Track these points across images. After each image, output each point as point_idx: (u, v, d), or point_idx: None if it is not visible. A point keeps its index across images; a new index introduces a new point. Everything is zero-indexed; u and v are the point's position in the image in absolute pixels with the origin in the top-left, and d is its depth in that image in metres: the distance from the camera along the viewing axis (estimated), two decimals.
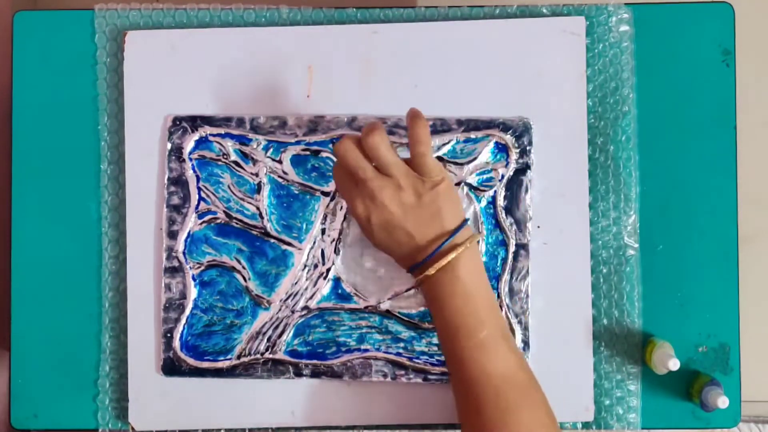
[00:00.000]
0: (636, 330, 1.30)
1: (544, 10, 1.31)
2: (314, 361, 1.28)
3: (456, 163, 1.28)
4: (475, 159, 1.28)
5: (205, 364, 1.29)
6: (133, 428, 1.31)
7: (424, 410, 1.28)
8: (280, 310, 1.28)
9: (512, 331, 1.27)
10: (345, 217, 1.29)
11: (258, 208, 1.29)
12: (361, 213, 1.15)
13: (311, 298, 1.28)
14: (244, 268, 1.29)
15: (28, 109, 1.33)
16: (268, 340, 1.28)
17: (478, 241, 1.23)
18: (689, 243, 1.31)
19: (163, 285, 1.29)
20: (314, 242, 1.29)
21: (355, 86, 1.30)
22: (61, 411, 1.33)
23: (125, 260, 1.31)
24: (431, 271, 1.13)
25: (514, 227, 1.28)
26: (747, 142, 1.35)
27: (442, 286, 1.14)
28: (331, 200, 1.28)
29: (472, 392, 1.13)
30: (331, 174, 1.28)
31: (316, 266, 1.29)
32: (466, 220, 1.16)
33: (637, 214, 1.30)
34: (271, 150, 1.29)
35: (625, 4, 1.31)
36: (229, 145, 1.29)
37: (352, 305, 1.29)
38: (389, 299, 1.28)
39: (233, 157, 1.29)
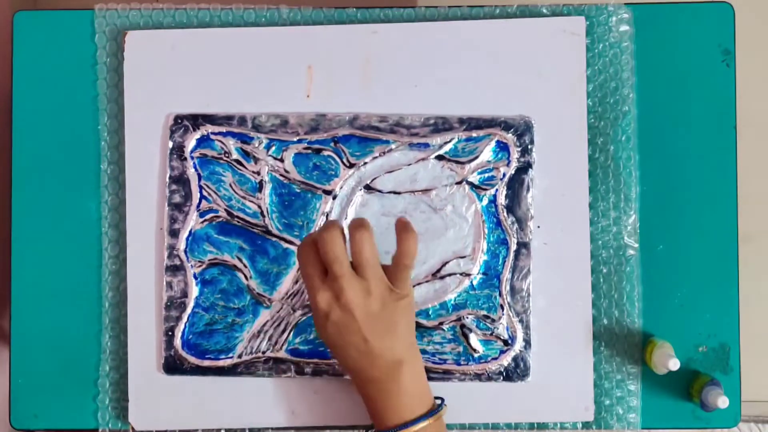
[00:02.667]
0: (636, 330, 1.30)
1: (544, 10, 1.31)
2: (315, 360, 1.28)
3: (457, 162, 1.28)
4: (476, 158, 1.28)
5: (207, 363, 1.29)
6: (133, 428, 1.31)
7: None
8: (281, 308, 1.28)
9: (514, 329, 1.28)
10: (345, 216, 1.29)
11: (259, 207, 1.29)
12: (321, 306, 1.12)
13: None
14: (245, 266, 1.29)
15: (28, 109, 1.33)
16: (270, 338, 1.28)
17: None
18: (689, 243, 1.31)
19: (164, 283, 1.29)
20: None
21: (355, 86, 1.30)
22: (61, 411, 1.33)
23: (125, 260, 1.31)
24: None
25: (516, 226, 1.28)
26: (747, 142, 1.35)
27: None
28: (333, 199, 1.29)
29: None
30: (332, 173, 1.29)
31: None
32: (441, 403, 1.18)
33: (637, 214, 1.30)
34: (273, 148, 1.29)
35: (625, 4, 1.31)
36: (231, 144, 1.29)
37: None
38: None
39: (235, 155, 1.29)
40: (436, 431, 1.15)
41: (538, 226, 1.29)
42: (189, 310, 1.29)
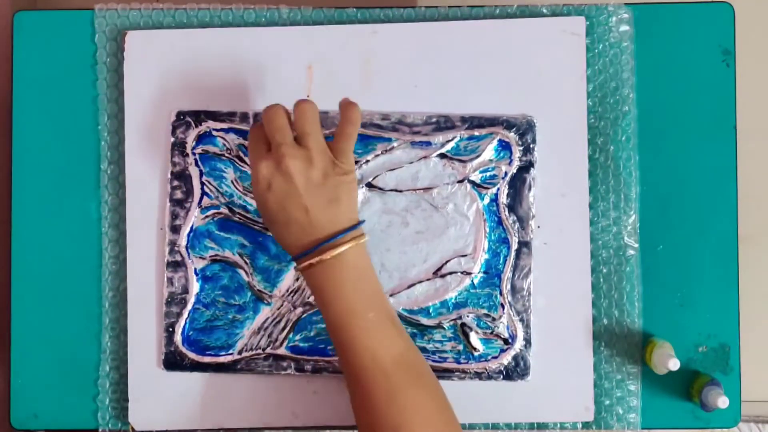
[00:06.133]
0: (636, 330, 1.30)
1: (544, 10, 1.32)
2: (315, 357, 1.28)
3: (459, 160, 1.28)
4: (478, 156, 1.28)
5: (207, 359, 1.29)
6: (133, 428, 1.30)
7: None
8: (281, 305, 1.28)
9: (514, 328, 1.28)
10: None
11: None
12: (263, 173, 1.12)
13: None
14: (246, 263, 1.29)
15: (28, 109, 1.33)
16: (270, 335, 1.28)
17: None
18: (689, 243, 1.31)
19: (165, 279, 1.29)
20: None
21: (355, 86, 1.30)
22: (61, 411, 1.33)
23: (125, 260, 1.31)
24: (326, 256, 1.12)
25: (517, 225, 1.28)
26: (747, 142, 1.35)
27: (332, 272, 1.13)
28: None
29: (363, 376, 1.12)
30: None
31: None
32: (361, 222, 1.16)
33: (637, 214, 1.30)
34: None
35: (625, 4, 1.32)
36: (233, 140, 1.29)
37: None
38: (391, 296, 1.28)
39: (236, 151, 1.29)
40: (361, 248, 1.15)
41: (538, 226, 1.29)
42: (190, 306, 1.29)
